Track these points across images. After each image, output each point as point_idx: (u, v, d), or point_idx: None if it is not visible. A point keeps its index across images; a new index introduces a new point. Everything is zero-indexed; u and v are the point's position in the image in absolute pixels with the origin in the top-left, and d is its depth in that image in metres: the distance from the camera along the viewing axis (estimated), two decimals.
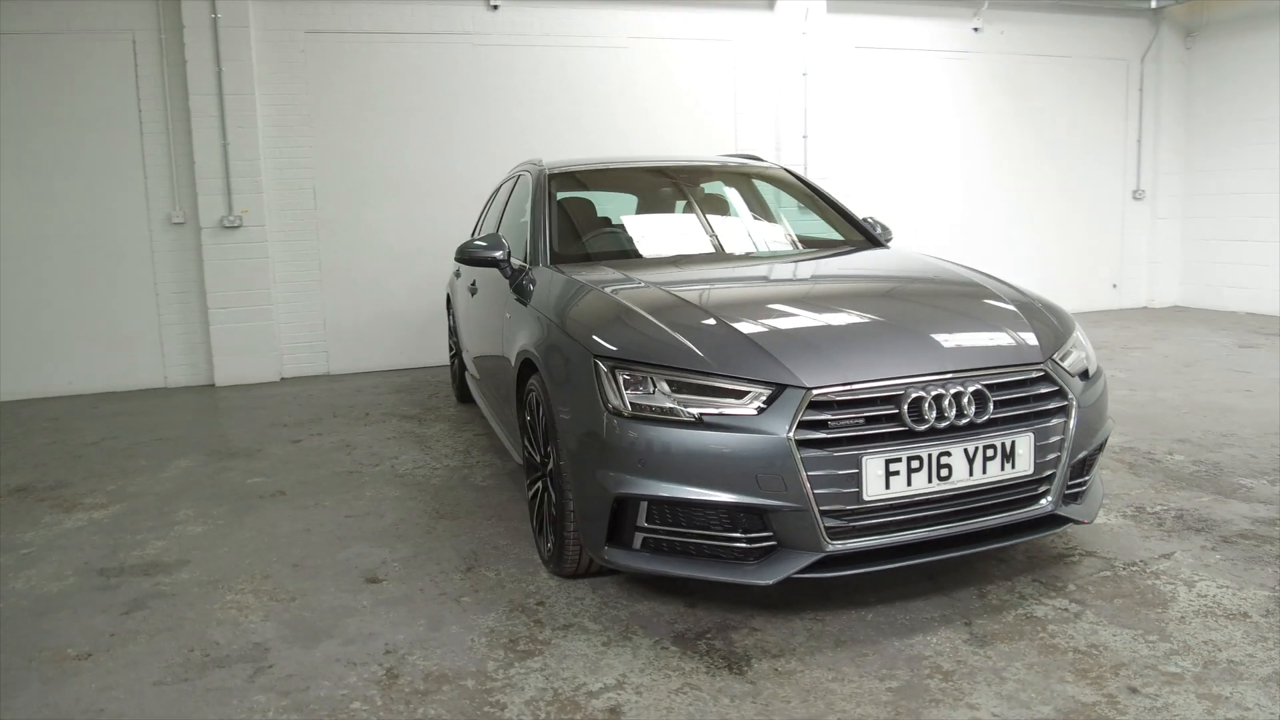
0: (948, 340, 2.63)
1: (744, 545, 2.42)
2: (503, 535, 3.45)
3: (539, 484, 3.12)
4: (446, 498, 3.95)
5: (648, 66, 7.77)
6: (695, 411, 2.42)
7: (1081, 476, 2.78)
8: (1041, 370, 2.64)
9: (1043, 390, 2.63)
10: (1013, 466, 2.53)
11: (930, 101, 8.72)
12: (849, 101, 8.41)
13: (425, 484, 4.18)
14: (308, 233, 7.05)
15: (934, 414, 2.43)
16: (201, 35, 6.47)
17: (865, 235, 4.15)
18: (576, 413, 2.64)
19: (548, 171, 4.14)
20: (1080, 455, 2.69)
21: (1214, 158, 9.01)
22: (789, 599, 2.75)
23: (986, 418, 2.49)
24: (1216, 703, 2.16)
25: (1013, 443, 2.52)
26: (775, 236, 4.32)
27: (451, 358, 6.18)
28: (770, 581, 2.39)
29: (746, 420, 2.38)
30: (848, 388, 2.41)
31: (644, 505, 2.47)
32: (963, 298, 2.98)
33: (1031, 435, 2.55)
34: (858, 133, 8.46)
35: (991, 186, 9.00)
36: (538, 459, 3.10)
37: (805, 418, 2.36)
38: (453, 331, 5.97)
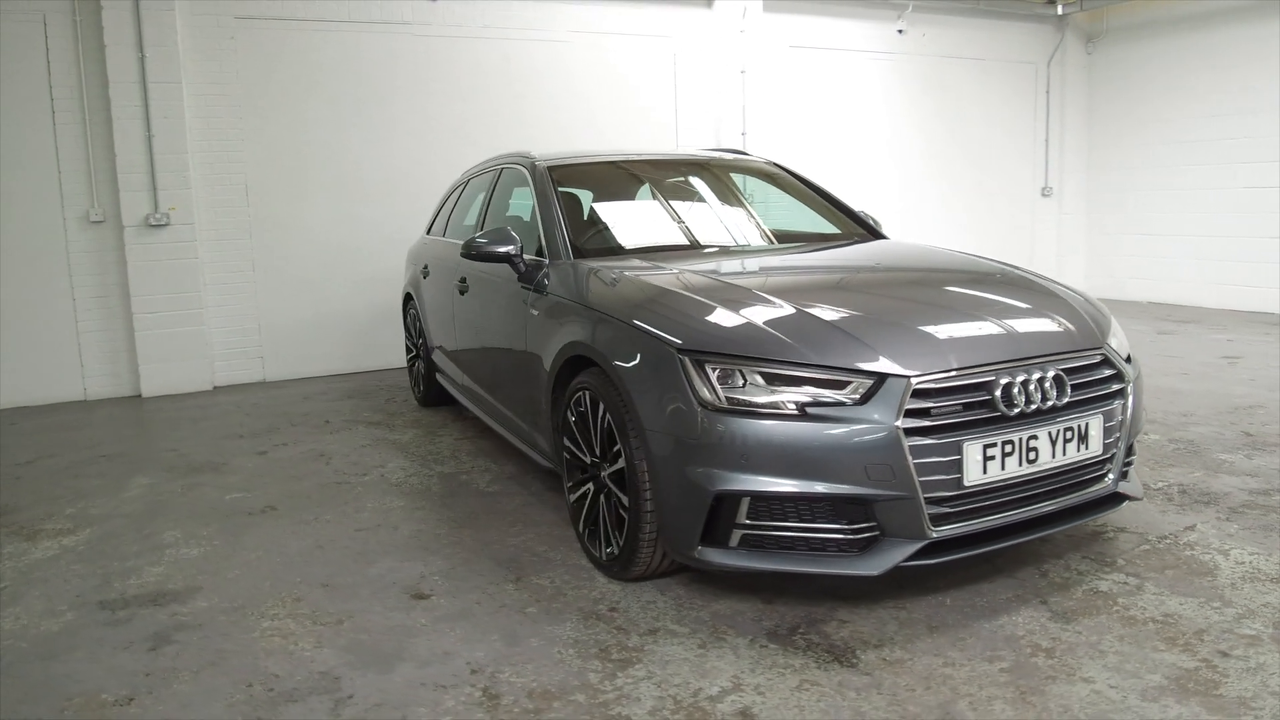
0: (1022, 327, 2.69)
1: (848, 537, 2.40)
2: (538, 541, 3.31)
3: (587, 486, 3.01)
4: (456, 506, 3.77)
5: (589, 61, 7.67)
6: (798, 402, 2.38)
7: (1130, 455, 2.90)
8: (1101, 354, 2.73)
9: (1105, 373, 2.72)
10: (1086, 448, 2.61)
11: (862, 100, 8.96)
12: (786, 99, 8.55)
13: (426, 492, 3.97)
14: (240, 231, 6.60)
15: (1023, 399, 2.48)
16: (122, 18, 5.94)
17: (864, 228, 4.21)
18: (658, 409, 2.54)
19: (544, 165, 4.01)
20: (1134, 435, 2.81)
21: (1114, 156, 9.64)
22: (865, 589, 2.75)
23: (1065, 401, 2.56)
24: None
25: (1086, 424, 2.60)
26: (786, 228, 4.31)
27: (411, 359, 5.92)
28: (878, 572, 2.37)
29: (851, 411, 2.35)
30: (945, 375, 2.42)
31: (745, 501, 2.41)
32: (1014, 286, 3.06)
33: (1101, 416, 2.64)
34: (795, 130, 8.61)
35: (924, 184, 9.33)
36: (588, 460, 2.98)
37: (909, 406, 2.36)
38: (416, 332, 5.70)
